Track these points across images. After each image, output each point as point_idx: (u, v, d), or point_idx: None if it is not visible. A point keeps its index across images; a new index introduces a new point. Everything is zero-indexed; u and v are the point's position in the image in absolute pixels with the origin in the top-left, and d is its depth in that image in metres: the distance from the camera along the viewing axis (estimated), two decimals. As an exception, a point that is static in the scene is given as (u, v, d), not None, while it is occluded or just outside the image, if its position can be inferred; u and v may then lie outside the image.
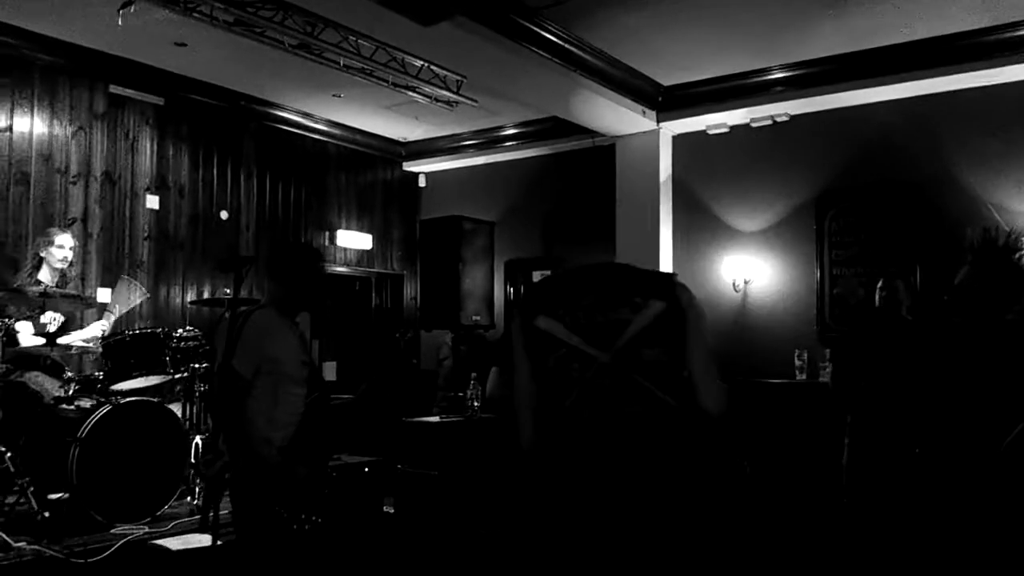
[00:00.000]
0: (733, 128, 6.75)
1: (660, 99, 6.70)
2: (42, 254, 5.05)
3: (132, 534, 4.29)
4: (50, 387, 4.86)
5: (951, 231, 5.76)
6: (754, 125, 6.62)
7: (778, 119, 6.50)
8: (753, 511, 5.14)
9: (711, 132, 6.83)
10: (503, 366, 4.43)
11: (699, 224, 6.88)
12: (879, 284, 4.62)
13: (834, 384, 4.79)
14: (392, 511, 5.31)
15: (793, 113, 6.43)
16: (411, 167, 8.77)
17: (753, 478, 5.49)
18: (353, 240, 8.13)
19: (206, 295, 6.74)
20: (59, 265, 5.10)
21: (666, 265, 6.88)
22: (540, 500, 2.21)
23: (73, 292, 5.04)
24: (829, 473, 5.19)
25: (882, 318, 4.66)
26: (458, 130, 8.09)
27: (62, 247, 5.10)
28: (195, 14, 4.89)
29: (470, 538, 3.99)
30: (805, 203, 6.41)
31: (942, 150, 5.86)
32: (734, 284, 6.64)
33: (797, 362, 6.18)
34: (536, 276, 7.46)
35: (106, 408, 4.50)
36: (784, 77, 6.17)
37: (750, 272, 6.60)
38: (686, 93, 6.61)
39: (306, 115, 7.60)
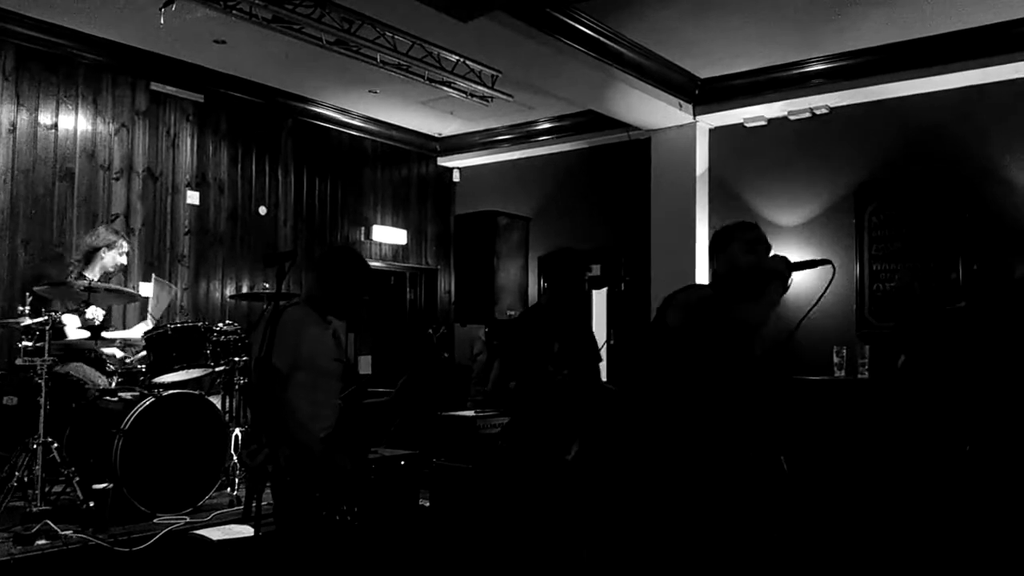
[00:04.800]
0: (771, 121, 6.67)
1: (697, 92, 6.64)
2: (103, 255, 5.18)
3: (174, 524, 4.36)
4: (94, 379, 4.97)
5: (996, 224, 5.65)
6: (792, 118, 6.53)
7: (817, 111, 6.41)
8: (790, 507, 5.09)
9: (748, 125, 6.76)
10: (505, 359, 4.15)
11: (736, 218, 6.70)
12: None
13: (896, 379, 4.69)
14: (427, 504, 5.33)
15: (832, 105, 6.33)
16: (446, 162, 8.79)
17: (790, 475, 5.43)
18: (388, 235, 8.18)
19: (245, 289, 6.83)
20: (112, 269, 5.28)
21: (702, 260, 6.82)
22: None
23: (117, 287, 5.14)
24: (868, 470, 5.13)
25: (931, 312, 4.59)
26: (493, 125, 8.09)
27: (123, 254, 5.30)
28: (235, 12, 4.94)
29: (517, 531, 3.99)
30: (844, 197, 6.32)
31: (988, 141, 5.73)
32: (772, 279, 6.55)
33: (836, 359, 6.09)
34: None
35: (149, 400, 4.58)
36: (824, 69, 6.07)
37: (788, 267, 6.51)
38: (723, 86, 6.54)
39: (343, 111, 7.65)
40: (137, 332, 5.29)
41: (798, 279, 6.17)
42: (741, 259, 3.11)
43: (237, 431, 5.09)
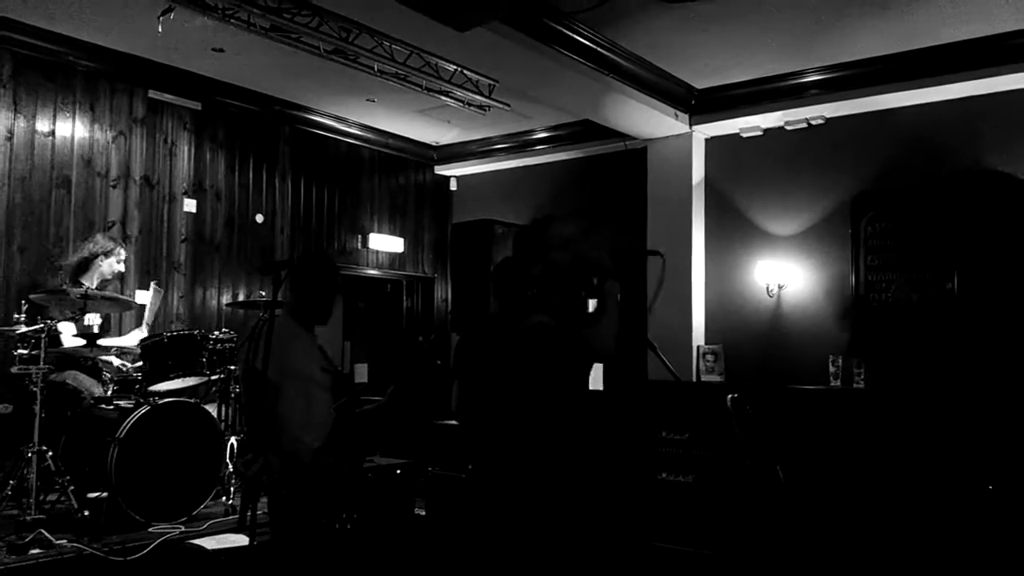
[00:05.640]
0: (767, 131, 6.69)
1: (693, 102, 6.66)
2: (100, 263, 5.18)
3: (169, 533, 4.35)
4: (89, 387, 4.96)
5: (992, 236, 5.66)
6: (788, 128, 6.55)
7: (813, 122, 6.43)
8: (786, 517, 5.09)
9: (744, 135, 6.78)
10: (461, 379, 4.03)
11: (732, 228, 6.82)
12: None
13: None
14: (423, 513, 5.33)
15: (828, 116, 6.36)
16: (443, 171, 8.80)
17: (786, 485, 5.43)
18: (385, 243, 8.18)
19: (241, 297, 6.82)
20: (109, 276, 5.27)
21: (698, 269, 6.84)
22: None
23: (113, 295, 5.13)
24: (864, 480, 5.13)
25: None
26: (490, 134, 8.11)
27: (120, 261, 5.29)
28: (233, 20, 4.96)
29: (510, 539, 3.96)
30: (840, 207, 6.33)
31: (985, 153, 5.75)
32: (767, 289, 6.57)
33: (831, 368, 6.09)
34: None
35: (144, 409, 4.57)
36: (820, 80, 6.10)
37: (784, 277, 6.53)
38: (719, 96, 6.57)
39: (340, 119, 7.66)
40: (132, 340, 5.28)
41: (790, 294, 6.15)
42: (559, 259, 2.79)
43: (233, 440, 5.08)
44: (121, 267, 5.34)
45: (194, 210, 6.61)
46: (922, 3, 4.93)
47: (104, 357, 5.09)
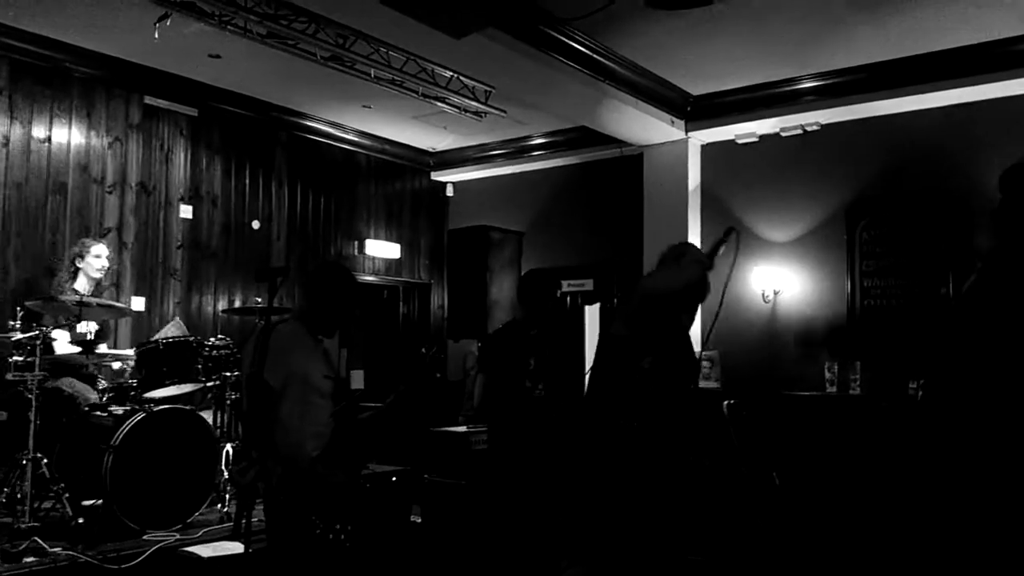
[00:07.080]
0: (763, 137, 6.71)
1: (689, 109, 6.68)
2: (79, 264, 5.15)
3: (164, 541, 4.32)
4: (86, 395, 4.93)
5: (984, 240, 5.68)
6: (784, 134, 6.57)
7: (808, 128, 6.45)
8: (782, 522, 5.09)
9: (740, 141, 6.79)
10: (490, 373, 4.26)
11: (728, 234, 6.82)
12: None
13: None
14: (419, 521, 5.31)
15: (824, 122, 6.38)
16: (439, 177, 8.81)
17: (782, 490, 5.44)
18: (381, 249, 8.18)
19: (237, 304, 6.82)
20: (96, 275, 5.21)
21: (695, 275, 6.84)
22: None
23: (108, 301, 5.11)
24: (859, 486, 5.13)
25: None
26: (486, 140, 8.12)
27: (99, 256, 5.21)
28: (229, 27, 4.96)
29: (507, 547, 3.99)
30: (836, 213, 6.35)
31: (979, 159, 5.77)
32: (763, 295, 6.58)
33: (828, 374, 6.11)
34: (565, 286, 7.45)
35: (139, 416, 4.55)
36: (815, 86, 6.12)
37: (780, 283, 6.54)
38: (715, 103, 6.59)
39: (336, 125, 7.67)
40: (130, 350, 5.26)
41: (786, 300, 6.17)
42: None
43: (228, 447, 5.07)
44: (104, 262, 5.24)
45: (190, 216, 6.60)
46: (917, 10, 4.96)
47: (102, 362, 5.07)
